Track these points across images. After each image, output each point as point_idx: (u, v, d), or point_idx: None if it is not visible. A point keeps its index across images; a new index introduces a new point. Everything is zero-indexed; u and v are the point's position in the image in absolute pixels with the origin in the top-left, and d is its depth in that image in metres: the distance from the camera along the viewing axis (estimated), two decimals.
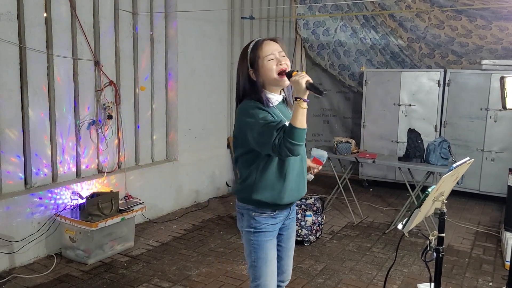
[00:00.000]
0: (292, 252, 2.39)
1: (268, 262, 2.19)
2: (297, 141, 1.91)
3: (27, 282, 3.49)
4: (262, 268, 2.19)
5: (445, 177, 2.02)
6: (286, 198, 2.15)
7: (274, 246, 2.23)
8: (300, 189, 2.22)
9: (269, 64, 2.07)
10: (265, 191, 2.12)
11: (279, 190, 2.12)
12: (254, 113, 2.03)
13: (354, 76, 7.51)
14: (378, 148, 6.44)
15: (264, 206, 2.17)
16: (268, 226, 2.19)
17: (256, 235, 2.19)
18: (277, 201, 2.14)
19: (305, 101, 1.92)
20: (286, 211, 2.25)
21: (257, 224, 2.18)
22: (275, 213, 2.19)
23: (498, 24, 6.21)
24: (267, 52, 2.08)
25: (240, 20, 6.59)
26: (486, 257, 4.22)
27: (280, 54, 2.11)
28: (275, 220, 2.21)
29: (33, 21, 3.83)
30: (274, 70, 2.07)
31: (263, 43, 2.10)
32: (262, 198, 2.13)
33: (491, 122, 5.97)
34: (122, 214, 4.08)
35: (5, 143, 3.71)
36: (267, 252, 2.19)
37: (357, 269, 3.89)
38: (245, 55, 2.13)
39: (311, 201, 4.46)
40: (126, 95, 4.79)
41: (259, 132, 2.00)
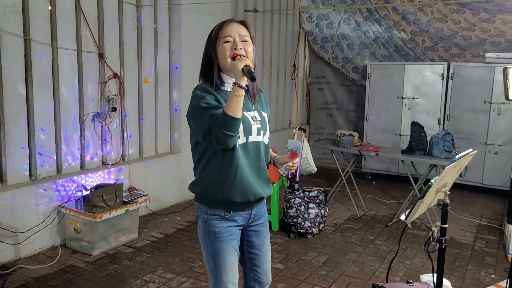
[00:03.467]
0: (268, 257, 2.21)
1: (227, 270, 1.99)
2: (228, 131, 1.75)
3: (32, 272, 3.53)
4: (221, 277, 2.00)
5: (448, 168, 2.03)
6: (239, 197, 1.95)
7: (233, 251, 2.02)
8: (258, 188, 2.00)
9: (224, 46, 1.93)
10: (214, 187, 1.94)
11: (229, 187, 1.93)
12: (199, 96, 1.88)
13: (357, 69, 7.50)
14: (381, 141, 6.44)
15: (216, 206, 1.98)
16: (224, 230, 1.98)
17: (212, 242, 1.99)
18: (230, 198, 1.94)
19: (240, 87, 1.76)
20: (245, 213, 2.04)
21: (211, 228, 1.98)
22: (229, 215, 1.99)
23: (501, 17, 6.18)
24: (225, 34, 1.94)
25: (244, 13, 6.58)
26: (488, 250, 4.23)
27: (241, 38, 1.95)
28: (232, 223, 2.01)
29: (38, 14, 3.84)
30: (228, 54, 1.92)
31: (225, 24, 1.97)
32: (211, 195, 1.96)
33: (494, 115, 5.96)
34: (126, 206, 4.11)
35: (10, 135, 3.73)
36: (225, 259, 1.99)
37: (360, 261, 3.92)
38: (210, 34, 2.02)
39: (314, 194, 4.47)
40: (130, 87, 4.80)
41: (196, 116, 1.87)
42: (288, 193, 4.47)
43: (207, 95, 1.89)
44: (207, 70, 2.00)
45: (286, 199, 4.47)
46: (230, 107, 1.75)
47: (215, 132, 1.77)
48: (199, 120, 1.86)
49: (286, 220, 4.43)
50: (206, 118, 1.82)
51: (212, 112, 1.83)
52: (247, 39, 1.98)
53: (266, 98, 2.20)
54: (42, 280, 3.41)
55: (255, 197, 2.01)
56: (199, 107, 1.86)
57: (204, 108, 1.85)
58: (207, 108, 1.85)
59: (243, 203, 2.00)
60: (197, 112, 1.87)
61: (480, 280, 3.60)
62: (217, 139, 1.78)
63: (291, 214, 4.39)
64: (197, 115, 1.87)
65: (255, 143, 2.00)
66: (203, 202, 2.03)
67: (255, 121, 1.99)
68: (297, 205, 4.38)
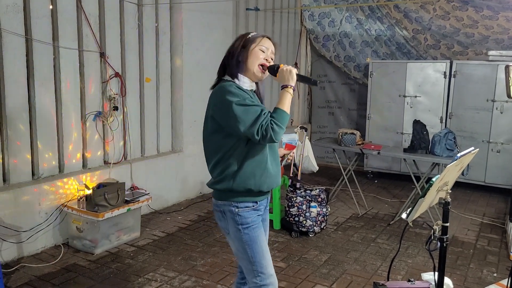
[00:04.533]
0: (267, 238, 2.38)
1: (265, 253, 2.18)
2: (283, 124, 1.98)
3: (35, 271, 3.54)
4: (262, 261, 2.16)
5: (450, 166, 2.02)
6: (267, 185, 2.15)
7: (265, 238, 2.24)
8: (278, 176, 2.23)
9: (258, 51, 2.13)
10: (247, 179, 2.10)
11: (260, 177, 2.12)
12: (237, 93, 2.02)
13: (359, 67, 7.48)
14: (383, 140, 6.42)
15: (245, 199, 2.14)
16: (255, 219, 2.17)
17: (247, 231, 2.15)
18: (259, 188, 2.12)
19: (293, 88, 2.08)
20: (264, 201, 2.25)
21: (244, 219, 2.14)
22: (256, 205, 2.17)
23: (505, 14, 6.16)
24: (263, 44, 2.15)
25: (245, 12, 6.58)
26: (491, 248, 4.22)
27: (272, 54, 2.19)
28: (258, 212, 2.19)
29: (39, 13, 3.85)
30: (259, 60, 2.13)
31: (265, 37, 2.18)
32: (242, 187, 2.10)
33: (497, 113, 5.94)
34: (128, 205, 4.12)
35: (12, 134, 3.74)
36: (261, 244, 2.17)
37: (361, 259, 3.91)
38: (243, 38, 2.19)
39: (316, 192, 4.47)
40: (131, 86, 4.81)
41: (243, 111, 1.97)
42: (289, 192, 4.47)
43: (245, 94, 2.06)
44: (232, 67, 2.15)
45: (287, 198, 4.47)
46: (285, 104, 2.02)
47: (272, 125, 1.95)
48: (247, 115, 1.97)
49: (288, 218, 4.44)
50: (256, 114, 1.97)
51: (260, 109, 1.99)
52: (273, 56, 2.21)
53: None
54: (45, 278, 3.42)
55: (276, 185, 2.22)
56: (245, 103, 1.99)
57: (250, 105, 1.99)
58: (254, 105, 2.00)
59: (267, 192, 2.21)
60: (244, 108, 1.98)
61: (482, 278, 3.59)
62: (274, 132, 1.95)
63: (292, 213, 4.39)
64: (245, 111, 1.98)
65: None
66: (231, 198, 2.14)
67: None
68: (298, 204, 4.38)
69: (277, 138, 1.98)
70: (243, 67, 2.14)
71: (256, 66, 2.13)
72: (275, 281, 2.21)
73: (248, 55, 2.13)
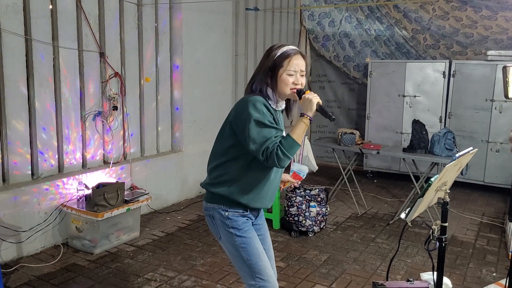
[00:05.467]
0: (272, 252, 2.36)
1: (261, 255, 2.16)
2: (289, 152, 1.95)
3: (35, 271, 3.54)
4: (258, 263, 2.14)
5: (448, 166, 2.03)
6: (258, 204, 2.17)
7: (259, 240, 2.20)
8: (272, 199, 2.24)
9: (287, 78, 2.08)
10: (241, 192, 2.11)
11: (255, 196, 2.13)
12: (262, 110, 2.01)
13: (359, 67, 7.49)
14: (383, 139, 6.43)
15: (234, 206, 2.14)
16: (245, 222, 2.16)
17: (239, 234, 2.14)
18: (250, 204, 2.13)
19: (310, 119, 2.02)
20: (256, 213, 2.26)
21: (234, 223, 2.14)
22: (247, 213, 2.17)
23: (503, 15, 6.16)
24: (291, 67, 2.08)
25: (245, 12, 6.58)
26: (490, 248, 4.23)
27: (301, 73, 2.12)
28: (248, 218, 2.19)
29: (39, 13, 3.85)
30: (289, 86, 2.09)
31: (293, 57, 2.09)
32: (235, 198, 2.11)
33: (496, 113, 5.94)
34: (127, 205, 4.12)
35: (12, 134, 3.75)
36: (256, 246, 2.16)
37: (361, 259, 3.92)
38: (271, 56, 2.11)
39: (315, 192, 4.48)
40: (131, 86, 4.81)
41: (258, 129, 1.98)
42: (289, 191, 4.47)
43: (268, 113, 2.04)
44: (262, 85, 2.11)
45: (287, 197, 4.47)
46: (297, 133, 1.99)
47: (277, 151, 1.94)
48: (259, 135, 1.97)
49: (287, 218, 4.44)
50: (268, 135, 1.97)
51: (276, 133, 2.00)
52: (304, 74, 2.15)
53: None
54: (45, 278, 3.43)
55: (266, 207, 2.25)
56: (263, 122, 1.99)
57: (268, 126, 1.99)
58: (271, 127, 2.00)
59: (259, 209, 2.26)
60: (260, 126, 1.98)
61: (481, 278, 3.60)
62: (278, 158, 1.95)
63: (292, 213, 4.40)
64: (259, 129, 1.98)
65: None
66: (221, 202, 2.14)
67: None
68: (298, 204, 4.38)
69: (280, 164, 1.98)
70: (275, 88, 2.11)
71: (287, 91, 2.09)
72: (275, 283, 2.19)
73: (277, 81, 2.10)
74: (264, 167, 2.09)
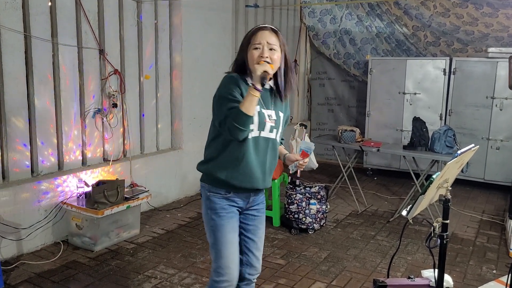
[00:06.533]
0: (261, 245, 2.34)
1: (228, 244, 2.15)
2: (239, 125, 1.97)
3: (35, 268, 3.54)
4: (221, 250, 2.15)
5: (450, 163, 2.02)
6: (239, 182, 2.14)
7: (232, 228, 2.19)
8: (258, 180, 2.18)
9: (252, 52, 2.10)
10: (220, 168, 2.14)
11: (232, 172, 2.12)
12: (227, 86, 2.07)
13: (359, 64, 7.47)
14: (383, 137, 6.43)
15: (218, 185, 2.17)
16: (224, 206, 2.17)
17: (214, 217, 2.17)
18: (230, 181, 2.13)
19: (256, 89, 1.97)
20: (244, 196, 2.22)
21: (213, 204, 2.17)
22: (229, 195, 2.17)
23: (505, 12, 6.15)
24: (256, 41, 2.10)
25: (245, 9, 6.56)
26: (490, 245, 4.23)
27: (269, 46, 2.09)
28: (231, 202, 2.19)
29: (38, 10, 3.83)
30: (255, 60, 2.08)
31: (258, 31, 2.12)
32: (215, 174, 2.15)
33: (496, 110, 5.94)
34: (127, 202, 4.12)
35: (11, 131, 3.74)
36: (225, 234, 2.15)
37: (361, 256, 3.92)
38: (245, 36, 2.19)
39: (316, 190, 4.47)
40: (131, 83, 4.80)
41: (219, 104, 2.07)
42: (289, 189, 4.47)
43: (235, 87, 2.07)
44: (238, 68, 2.18)
45: (287, 195, 4.47)
46: (244, 104, 1.97)
47: (229, 123, 1.99)
48: (220, 109, 2.06)
49: (287, 216, 4.44)
50: (225, 108, 2.02)
51: (232, 105, 2.02)
52: (275, 48, 2.12)
53: (287, 99, 2.33)
54: (45, 275, 3.42)
55: (252, 187, 2.20)
56: (223, 96, 2.06)
57: (227, 99, 2.04)
58: (230, 100, 2.03)
59: (241, 188, 2.18)
60: (220, 101, 2.07)
61: (482, 275, 3.60)
62: (230, 130, 2.00)
63: (292, 210, 4.39)
64: (220, 104, 2.07)
65: (266, 138, 2.17)
66: (207, 181, 2.22)
67: (270, 120, 2.16)
68: (298, 201, 4.38)
69: (235, 136, 2.01)
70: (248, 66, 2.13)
71: (254, 66, 2.07)
72: (231, 276, 2.17)
73: (247, 58, 2.12)
74: (237, 144, 2.09)
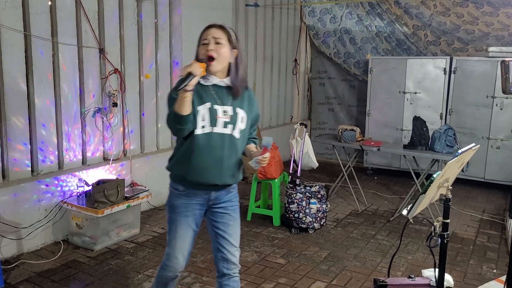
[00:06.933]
0: (234, 241, 2.37)
1: (177, 238, 2.31)
2: (175, 123, 2.11)
3: (35, 267, 3.54)
4: (172, 241, 2.33)
5: (451, 163, 2.02)
6: (194, 177, 2.22)
7: (187, 225, 2.31)
8: (214, 176, 2.23)
9: (201, 48, 2.21)
10: (177, 164, 2.28)
11: (186, 167, 2.22)
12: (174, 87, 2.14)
13: (359, 64, 7.47)
14: (383, 136, 6.42)
15: (177, 181, 2.30)
16: (180, 205, 2.29)
17: (170, 210, 2.33)
18: (185, 176, 2.24)
19: (184, 90, 2.01)
20: (204, 193, 2.29)
21: (171, 200, 2.33)
22: (187, 192, 2.28)
23: (505, 11, 6.14)
24: (203, 37, 2.22)
25: (245, 8, 6.55)
26: (490, 245, 4.23)
27: (215, 40, 2.18)
28: (189, 200, 2.29)
29: (38, 9, 3.83)
30: (202, 55, 2.18)
31: (206, 29, 2.23)
32: (174, 171, 2.31)
33: (497, 109, 5.93)
34: (128, 201, 4.11)
35: (11, 130, 3.73)
36: (177, 229, 2.31)
37: (361, 256, 3.92)
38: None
39: (316, 189, 4.47)
40: (131, 83, 4.79)
41: (167, 104, 2.19)
42: (289, 188, 4.47)
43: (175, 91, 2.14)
44: None
45: (287, 194, 4.47)
46: (176, 104, 2.08)
47: (168, 122, 2.16)
48: (167, 108, 2.19)
49: (288, 215, 4.43)
50: (169, 108, 2.17)
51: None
52: (220, 42, 2.19)
53: (251, 96, 2.36)
54: (45, 275, 3.42)
55: (207, 183, 2.25)
56: (169, 97, 2.19)
57: (172, 99, 2.14)
58: (173, 100, 2.12)
59: (199, 184, 2.26)
60: (167, 101, 2.20)
61: (482, 274, 3.59)
62: (170, 129, 2.18)
63: (292, 209, 4.39)
64: (167, 104, 2.20)
65: (221, 134, 2.22)
66: (170, 177, 2.36)
67: (225, 115, 2.22)
68: (298, 200, 4.38)
69: (174, 134, 2.20)
70: None
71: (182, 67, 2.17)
72: (177, 265, 2.35)
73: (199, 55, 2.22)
74: (190, 139, 2.21)
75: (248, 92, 2.35)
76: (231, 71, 2.24)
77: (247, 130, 2.32)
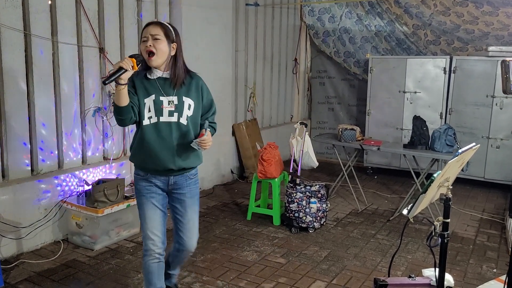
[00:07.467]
0: (192, 226, 2.64)
1: (147, 219, 2.54)
2: (116, 114, 2.33)
3: (35, 267, 3.54)
4: (143, 224, 2.57)
5: (451, 162, 2.02)
6: (149, 164, 2.48)
7: (152, 206, 2.53)
8: (167, 161, 2.46)
9: (141, 46, 2.41)
10: (135, 152, 2.52)
11: (141, 155, 2.48)
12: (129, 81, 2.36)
13: (359, 63, 7.47)
14: (383, 136, 6.42)
15: (138, 168, 2.55)
16: (142, 188, 2.53)
17: (137, 195, 2.58)
18: (141, 163, 2.51)
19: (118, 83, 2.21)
20: (162, 178, 2.52)
21: (137, 185, 2.56)
22: (147, 176, 2.52)
23: (505, 10, 6.14)
24: (143, 35, 2.40)
25: (245, 7, 6.55)
26: (490, 244, 4.23)
27: (153, 36, 2.36)
28: (150, 183, 2.52)
29: (38, 8, 3.83)
30: (143, 51, 2.38)
31: (145, 27, 2.42)
32: (133, 158, 2.54)
33: (496, 109, 5.93)
34: (127, 201, 4.11)
35: (11, 130, 3.73)
36: (145, 211, 2.54)
37: (361, 255, 3.92)
38: None
39: (316, 188, 4.47)
40: None
41: None
42: (289, 187, 4.47)
43: (131, 83, 2.38)
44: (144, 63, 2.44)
45: (287, 193, 4.47)
46: (115, 97, 2.30)
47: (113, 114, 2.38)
48: None
49: (288, 214, 4.43)
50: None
51: None
52: (158, 37, 2.38)
53: (198, 84, 2.55)
54: (45, 274, 3.42)
55: (163, 168, 2.48)
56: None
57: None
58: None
59: (156, 170, 2.49)
60: None
61: (482, 274, 3.60)
62: (114, 118, 2.39)
63: (292, 209, 4.39)
64: None
65: (168, 123, 2.44)
66: (135, 166, 2.59)
67: (170, 105, 2.43)
68: (298, 200, 4.38)
69: (118, 123, 2.40)
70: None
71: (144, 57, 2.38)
72: (153, 246, 2.57)
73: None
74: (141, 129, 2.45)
75: (195, 80, 2.53)
76: (172, 63, 2.45)
77: (198, 116, 2.53)
